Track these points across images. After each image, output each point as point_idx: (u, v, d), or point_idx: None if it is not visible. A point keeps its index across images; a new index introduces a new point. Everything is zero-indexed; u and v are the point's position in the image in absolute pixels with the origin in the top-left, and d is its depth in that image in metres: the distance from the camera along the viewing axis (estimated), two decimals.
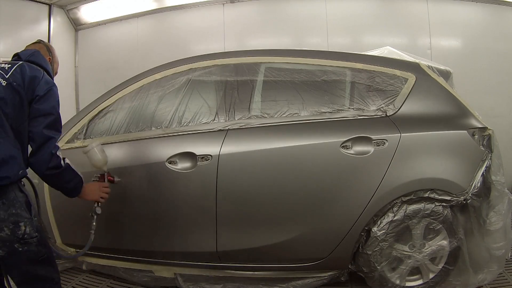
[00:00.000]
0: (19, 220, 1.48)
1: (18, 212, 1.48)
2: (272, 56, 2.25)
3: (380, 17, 4.09)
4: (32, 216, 1.53)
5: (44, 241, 1.58)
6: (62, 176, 1.65)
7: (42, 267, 1.56)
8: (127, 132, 2.21)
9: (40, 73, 1.60)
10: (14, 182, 1.49)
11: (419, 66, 2.17)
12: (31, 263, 1.53)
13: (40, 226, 1.59)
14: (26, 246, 1.50)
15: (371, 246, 2.02)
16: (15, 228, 1.47)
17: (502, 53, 3.88)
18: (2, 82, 1.52)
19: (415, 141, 2.01)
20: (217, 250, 2.09)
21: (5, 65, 1.58)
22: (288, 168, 2.01)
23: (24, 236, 1.48)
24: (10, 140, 1.49)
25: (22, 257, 1.50)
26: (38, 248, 1.53)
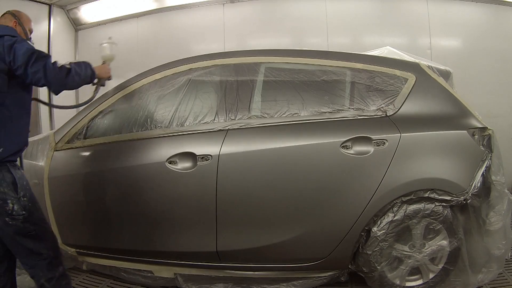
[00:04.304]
0: (6, 198, 1.66)
1: (5, 191, 1.66)
2: (272, 56, 2.25)
3: (380, 17, 4.09)
4: (20, 196, 1.69)
5: (34, 219, 1.74)
6: (77, 73, 1.81)
7: (30, 241, 1.72)
8: (127, 132, 2.21)
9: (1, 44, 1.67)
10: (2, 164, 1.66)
11: (419, 66, 2.17)
12: (19, 235, 1.71)
13: (30, 206, 1.72)
14: (14, 221, 1.68)
15: (371, 246, 2.02)
16: (4, 204, 1.66)
17: (502, 53, 3.89)
18: None
19: (415, 141, 2.00)
20: (217, 250, 2.09)
21: None
22: (288, 168, 2.01)
23: (12, 213, 1.67)
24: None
25: (11, 229, 1.69)
26: (24, 225, 1.70)
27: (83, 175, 2.22)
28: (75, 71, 1.80)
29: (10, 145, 1.69)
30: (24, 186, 1.72)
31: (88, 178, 2.21)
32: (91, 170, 2.21)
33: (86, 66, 1.91)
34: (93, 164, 2.22)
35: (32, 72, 1.66)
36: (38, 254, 1.74)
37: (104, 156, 2.22)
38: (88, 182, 2.22)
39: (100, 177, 2.20)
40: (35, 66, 1.65)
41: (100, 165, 2.21)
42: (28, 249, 1.73)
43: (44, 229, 1.79)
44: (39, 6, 4.49)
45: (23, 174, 1.77)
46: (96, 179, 2.20)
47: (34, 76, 1.67)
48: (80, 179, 2.23)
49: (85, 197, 2.24)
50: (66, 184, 2.24)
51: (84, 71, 1.87)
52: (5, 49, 1.66)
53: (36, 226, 1.74)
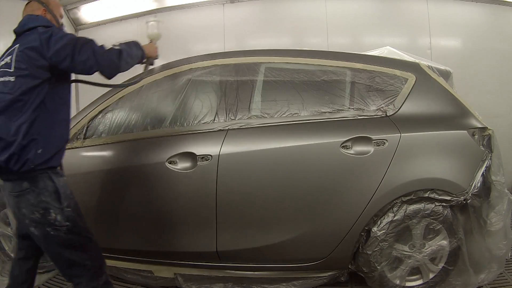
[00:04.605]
0: (49, 208, 1.55)
1: (47, 200, 1.55)
2: (272, 56, 2.25)
3: (380, 17, 4.09)
4: (63, 206, 1.57)
5: (78, 230, 1.62)
6: (128, 54, 1.72)
7: (74, 252, 1.61)
8: (127, 132, 2.21)
9: (34, 38, 1.55)
10: (43, 171, 1.55)
11: (419, 66, 2.17)
12: (62, 246, 1.60)
13: (74, 216, 1.61)
14: (57, 232, 1.57)
15: (371, 246, 2.02)
16: (46, 213, 1.55)
17: (502, 53, 3.89)
18: (11, 78, 1.52)
19: (415, 141, 2.00)
20: (217, 250, 2.09)
21: (7, 59, 1.57)
22: (288, 168, 2.01)
23: (55, 223, 1.56)
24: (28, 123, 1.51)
25: (53, 240, 1.58)
26: (68, 236, 1.58)
27: (83, 175, 2.22)
28: (126, 53, 1.71)
29: (49, 146, 1.57)
30: (68, 196, 1.61)
31: (88, 178, 2.21)
32: (91, 170, 2.21)
33: (135, 45, 1.81)
34: (92, 164, 2.22)
35: (81, 61, 1.56)
36: (82, 265, 1.64)
37: (104, 156, 2.22)
38: (88, 182, 2.21)
39: (100, 177, 2.19)
40: (83, 54, 1.56)
41: (100, 165, 2.21)
42: (72, 261, 1.62)
43: (88, 239, 1.67)
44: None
45: (66, 182, 1.65)
46: (96, 179, 2.20)
47: (85, 65, 1.57)
48: (80, 179, 2.22)
49: (85, 197, 2.23)
50: None
51: (135, 51, 1.78)
52: (42, 43, 1.53)
53: (80, 237, 1.63)
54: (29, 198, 1.54)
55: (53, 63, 1.54)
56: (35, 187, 1.54)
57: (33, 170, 1.53)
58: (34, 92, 1.52)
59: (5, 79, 1.53)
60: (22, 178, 1.54)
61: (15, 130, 1.48)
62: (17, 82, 1.51)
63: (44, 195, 1.55)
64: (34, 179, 1.54)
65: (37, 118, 1.53)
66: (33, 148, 1.51)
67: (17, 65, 1.53)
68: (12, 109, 1.50)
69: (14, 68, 1.53)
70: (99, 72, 1.64)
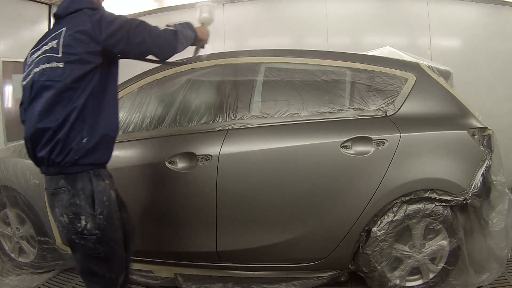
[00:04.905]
0: (80, 213, 1.42)
1: (81, 204, 1.43)
2: (272, 56, 2.25)
3: (380, 17, 4.09)
4: (96, 213, 1.44)
5: (107, 240, 1.49)
6: (184, 36, 1.63)
7: (96, 263, 1.50)
8: (127, 132, 2.21)
9: (83, 21, 1.43)
10: (85, 168, 1.44)
11: (419, 66, 2.17)
12: (85, 256, 1.49)
13: (105, 224, 1.47)
14: (83, 241, 1.45)
15: (371, 246, 2.02)
16: (75, 219, 1.42)
17: (502, 53, 3.88)
18: (60, 64, 1.40)
19: (415, 141, 2.00)
20: (217, 250, 2.09)
21: (53, 43, 1.44)
22: (288, 168, 2.01)
23: (83, 232, 1.43)
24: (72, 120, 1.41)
25: (77, 248, 1.48)
26: (95, 246, 1.47)
27: None
28: (181, 34, 1.61)
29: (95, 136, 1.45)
30: (103, 202, 1.47)
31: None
32: None
33: (189, 27, 1.70)
34: None
35: (137, 44, 1.46)
36: (102, 276, 1.53)
37: None
38: None
39: None
40: (138, 37, 1.46)
41: None
42: (93, 271, 1.52)
43: (113, 251, 1.54)
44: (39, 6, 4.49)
45: (107, 187, 1.51)
46: None
47: (141, 48, 1.48)
48: None
49: None
50: None
51: (189, 33, 1.68)
52: (94, 26, 1.40)
53: (106, 247, 1.50)
54: (63, 198, 1.44)
55: (106, 47, 1.43)
56: (72, 186, 1.43)
57: (75, 164, 1.42)
58: (86, 79, 1.41)
59: (52, 65, 1.41)
60: (61, 174, 1.43)
61: (63, 118, 1.38)
62: (67, 68, 1.39)
63: (79, 198, 1.43)
64: (73, 178, 1.43)
65: (86, 105, 1.42)
66: (77, 136, 1.41)
67: (66, 50, 1.40)
68: (61, 97, 1.39)
69: (62, 53, 1.40)
70: (154, 54, 1.55)
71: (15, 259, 2.55)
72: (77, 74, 1.39)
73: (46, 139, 1.41)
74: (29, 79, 1.47)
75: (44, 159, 1.43)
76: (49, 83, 1.40)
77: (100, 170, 1.51)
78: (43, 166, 1.48)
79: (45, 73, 1.42)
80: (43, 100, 1.41)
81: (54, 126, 1.39)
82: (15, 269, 2.52)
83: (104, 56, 1.44)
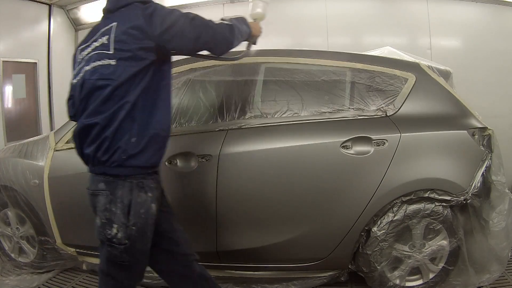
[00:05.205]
0: (113, 220, 1.37)
1: (116, 212, 1.37)
2: (272, 56, 2.25)
3: (380, 17, 4.09)
4: (129, 223, 1.38)
5: (134, 251, 1.42)
6: (239, 31, 1.58)
7: (117, 269, 1.45)
8: None
9: (135, 15, 1.36)
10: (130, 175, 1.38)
11: (419, 66, 2.17)
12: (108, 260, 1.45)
13: (136, 236, 1.40)
14: (111, 248, 1.40)
15: (371, 246, 2.02)
16: (106, 226, 1.37)
17: (502, 52, 3.88)
18: (112, 61, 1.34)
19: (415, 141, 2.00)
20: (217, 250, 2.09)
21: (103, 39, 1.37)
22: (288, 168, 2.01)
23: (112, 240, 1.38)
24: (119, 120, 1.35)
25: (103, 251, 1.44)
26: (122, 254, 1.41)
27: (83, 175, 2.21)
28: (237, 29, 1.55)
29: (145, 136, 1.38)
30: (140, 214, 1.39)
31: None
32: None
33: (244, 22, 1.64)
34: None
35: (193, 39, 1.40)
36: (118, 281, 1.48)
37: None
38: None
39: None
40: (194, 31, 1.40)
41: None
42: (112, 276, 1.47)
43: (138, 261, 1.48)
44: (39, 6, 4.49)
45: (148, 200, 1.42)
46: None
47: (197, 43, 1.42)
48: (80, 179, 2.22)
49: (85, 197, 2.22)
50: (66, 184, 2.24)
51: (244, 28, 1.61)
52: (147, 21, 1.33)
53: (132, 258, 1.44)
54: (101, 201, 1.39)
55: (160, 43, 1.36)
56: (111, 193, 1.38)
57: (122, 165, 1.35)
58: (139, 76, 1.35)
59: (104, 63, 1.35)
60: (106, 174, 1.38)
61: (112, 115, 1.33)
62: (120, 66, 1.33)
63: (116, 205, 1.36)
64: (114, 183, 1.37)
65: (137, 103, 1.35)
66: (126, 135, 1.34)
67: (118, 46, 1.33)
68: (113, 95, 1.33)
69: (114, 50, 1.33)
70: (210, 50, 1.49)
71: (15, 259, 2.55)
72: (131, 72, 1.33)
73: (93, 136, 1.36)
74: (80, 77, 1.42)
75: (90, 156, 1.39)
76: (102, 82, 1.34)
77: (144, 182, 1.42)
78: (90, 164, 1.44)
79: (96, 72, 1.36)
80: (95, 98, 1.36)
81: (102, 122, 1.33)
82: (15, 269, 2.52)
83: (157, 53, 1.37)
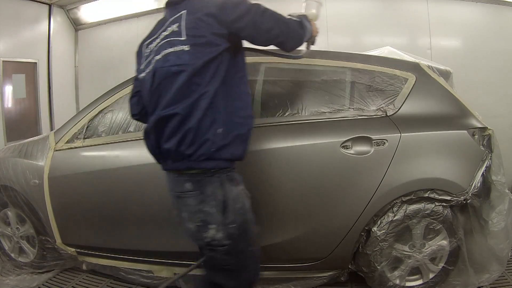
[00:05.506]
0: (209, 221, 1.29)
1: (210, 211, 1.29)
2: (272, 56, 2.25)
3: (380, 17, 4.09)
4: (228, 221, 1.30)
5: (237, 251, 1.35)
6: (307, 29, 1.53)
7: (222, 276, 1.37)
8: (127, 132, 2.21)
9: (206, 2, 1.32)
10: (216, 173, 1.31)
11: (419, 66, 2.17)
12: (211, 269, 1.37)
13: (237, 235, 1.33)
14: (211, 252, 1.32)
15: (371, 246, 2.02)
16: (202, 228, 1.30)
17: (502, 53, 3.88)
18: (185, 47, 1.29)
19: (415, 141, 2.00)
20: None
21: (172, 27, 1.34)
22: (288, 168, 2.01)
23: (211, 243, 1.30)
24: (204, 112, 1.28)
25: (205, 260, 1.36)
26: (224, 257, 1.33)
27: (83, 175, 2.22)
28: (305, 26, 1.50)
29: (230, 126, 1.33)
30: (237, 210, 1.33)
31: (88, 178, 2.21)
32: (91, 170, 2.21)
33: (307, 20, 1.58)
34: (93, 164, 2.22)
35: (266, 30, 1.35)
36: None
37: (104, 156, 2.22)
38: (88, 182, 2.21)
39: (100, 177, 2.19)
40: (267, 22, 1.35)
41: (100, 165, 2.21)
42: (215, 285, 1.38)
43: (245, 264, 1.39)
44: (39, 6, 4.50)
45: (241, 194, 1.37)
46: (96, 179, 2.20)
47: (269, 34, 1.36)
48: (80, 179, 2.23)
49: (85, 197, 2.24)
50: (66, 184, 2.24)
51: (308, 26, 1.55)
52: (219, 8, 1.30)
53: (236, 260, 1.35)
54: (190, 203, 1.31)
55: (233, 31, 1.32)
56: (200, 191, 1.30)
57: (210, 158, 1.28)
58: (214, 63, 1.30)
59: (176, 49, 1.30)
60: (192, 169, 1.30)
61: (192, 104, 1.26)
62: (194, 52, 1.28)
63: (209, 205, 1.29)
64: (201, 181, 1.30)
65: (218, 93, 1.30)
66: (212, 126, 1.28)
67: (190, 33, 1.29)
68: (190, 82, 1.28)
69: (186, 36, 1.29)
70: (280, 44, 1.44)
71: (15, 259, 2.55)
72: (205, 58, 1.28)
73: (172, 128, 1.29)
74: (150, 69, 1.37)
75: (171, 151, 1.31)
76: (176, 68, 1.29)
77: (233, 174, 1.36)
78: (169, 160, 1.35)
79: (169, 59, 1.31)
80: (170, 86, 1.30)
81: (182, 111, 1.27)
82: (15, 269, 2.52)
83: (230, 40, 1.33)
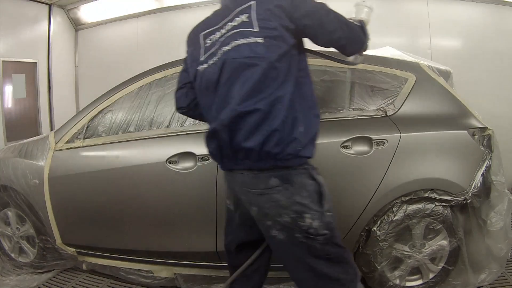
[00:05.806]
0: (304, 211, 1.26)
1: (304, 202, 1.26)
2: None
3: (380, 17, 4.07)
4: (324, 209, 1.28)
5: (336, 240, 1.32)
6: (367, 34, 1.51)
7: (327, 265, 1.32)
8: (127, 132, 2.22)
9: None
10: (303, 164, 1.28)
11: (419, 66, 2.17)
12: (313, 257, 1.31)
13: (334, 223, 1.31)
14: (309, 241, 1.27)
15: (371, 246, 2.02)
16: (298, 218, 1.26)
17: (502, 53, 3.88)
18: (258, 39, 1.24)
19: (415, 141, 2.00)
20: (217, 250, 2.09)
21: (241, 17, 1.29)
22: None
23: (308, 230, 1.26)
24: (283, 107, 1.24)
25: (303, 249, 1.30)
26: (323, 247, 1.29)
27: (83, 175, 2.22)
28: (366, 31, 1.48)
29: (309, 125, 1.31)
30: (330, 198, 1.31)
31: (88, 178, 2.21)
32: (91, 170, 2.21)
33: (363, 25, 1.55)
34: (93, 164, 2.22)
35: (330, 31, 1.32)
36: (335, 280, 1.32)
37: (104, 156, 2.22)
38: (88, 182, 2.21)
39: (100, 177, 2.19)
40: (332, 23, 1.32)
41: (100, 165, 2.21)
42: (323, 274, 1.31)
43: (343, 250, 1.36)
44: (39, 6, 4.50)
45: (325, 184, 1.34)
46: (96, 179, 2.20)
47: (332, 36, 1.33)
48: (80, 179, 2.23)
49: (85, 197, 2.24)
50: (66, 184, 2.24)
51: (366, 32, 1.52)
52: (289, 2, 1.26)
53: (337, 248, 1.32)
54: (278, 198, 1.27)
55: (299, 27, 1.28)
56: (289, 185, 1.26)
57: (297, 156, 1.26)
58: (286, 58, 1.26)
59: (249, 41, 1.25)
60: (277, 168, 1.26)
61: (274, 101, 1.22)
62: (268, 44, 1.23)
63: (301, 196, 1.26)
64: (287, 174, 1.26)
65: (294, 89, 1.26)
66: (295, 125, 1.25)
67: (263, 24, 1.24)
68: (266, 77, 1.23)
69: (259, 28, 1.24)
70: (341, 47, 1.40)
71: (15, 259, 2.55)
72: (279, 52, 1.24)
73: (253, 125, 1.23)
74: (217, 59, 1.31)
75: (253, 150, 1.25)
76: (250, 60, 1.24)
77: (313, 165, 1.34)
78: (247, 159, 1.28)
79: (240, 50, 1.26)
80: (245, 79, 1.24)
81: (264, 108, 1.22)
82: (15, 269, 2.52)
83: (296, 37, 1.30)
